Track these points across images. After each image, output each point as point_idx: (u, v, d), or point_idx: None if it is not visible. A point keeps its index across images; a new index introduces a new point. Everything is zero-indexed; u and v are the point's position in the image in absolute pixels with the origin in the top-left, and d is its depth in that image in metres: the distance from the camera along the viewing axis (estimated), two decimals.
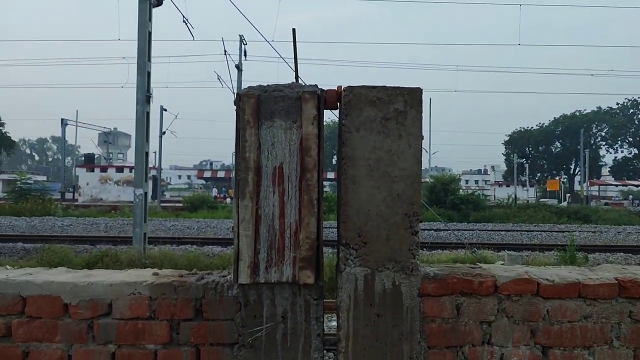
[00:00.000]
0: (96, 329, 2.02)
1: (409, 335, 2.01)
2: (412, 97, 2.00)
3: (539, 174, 68.24)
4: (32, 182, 32.90)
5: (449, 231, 17.16)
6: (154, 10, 10.34)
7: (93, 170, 38.79)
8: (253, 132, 1.95)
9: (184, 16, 12.89)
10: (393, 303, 2.00)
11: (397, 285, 2.00)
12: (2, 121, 41.28)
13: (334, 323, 2.12)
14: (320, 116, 1.98)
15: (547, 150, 67.31)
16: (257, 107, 1.95)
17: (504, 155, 69.59)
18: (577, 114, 66.22)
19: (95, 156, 50.89)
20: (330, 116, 2.46)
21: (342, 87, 2.02)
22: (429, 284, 2.03)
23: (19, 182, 30.82)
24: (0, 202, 29.14)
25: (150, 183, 11.18)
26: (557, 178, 60.13)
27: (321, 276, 2.03)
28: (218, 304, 2.03)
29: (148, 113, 10.19)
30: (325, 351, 2.10)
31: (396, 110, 1.99)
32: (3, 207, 24.94)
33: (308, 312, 2.02)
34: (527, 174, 62.37)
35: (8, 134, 41.91)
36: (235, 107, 1.99)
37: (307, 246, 1.96)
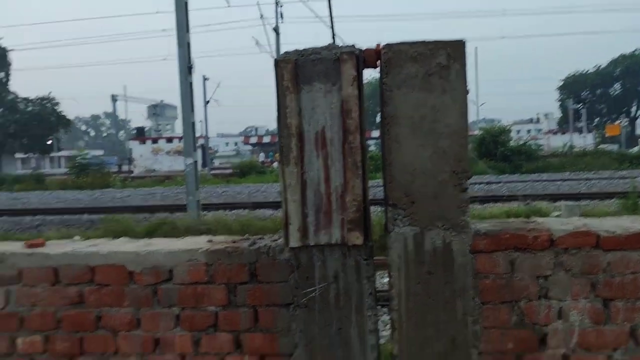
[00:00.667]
0: (160, 293, 2.15)
1: (462, 292, 2.00)
2: (455, 50, 1.91)
3: (597, 119, 64.42)
4: (90, 157, 34.66)
5: (500, 184, 16.70)
6: None
7: (144, 143, 40.14)
8: (293, 97, 1.94)
9: None
10: (444, 261, 1.99)
11: (448, 243, 1.98)
12: (56, 101, 43.30)
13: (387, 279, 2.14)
14: (359, 77, 1.94)
15: (605, 93, 63.11)
16: (295, 72, 1.93)
17: (558, 101, 65.94)
18: (637, 52, 61.23)
19: (146, 129, 52.54)
20: (373, 73, 2.40)
21: (381, 45, 1.96)
22: (481, 241, 2.00)
23: (78, 158, 32.53)
24: (65, 177, 30.97)
25: (199, 152, 11.48)
26: (617, 122, 56.57)
27: (370, 236, 2.04)
28: (271, 268, 2.09)
29: (191, 83, 10.34)
30: (380, 307, 2.14)
31: (439, 64, 1.91)
32: (67, 182, 26.52)
33: (359, 272, 2.05)
34: (585, 119, 59.00)
35: (63, 113, 43.96)
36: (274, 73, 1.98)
37: (354, 208, 1.97)
